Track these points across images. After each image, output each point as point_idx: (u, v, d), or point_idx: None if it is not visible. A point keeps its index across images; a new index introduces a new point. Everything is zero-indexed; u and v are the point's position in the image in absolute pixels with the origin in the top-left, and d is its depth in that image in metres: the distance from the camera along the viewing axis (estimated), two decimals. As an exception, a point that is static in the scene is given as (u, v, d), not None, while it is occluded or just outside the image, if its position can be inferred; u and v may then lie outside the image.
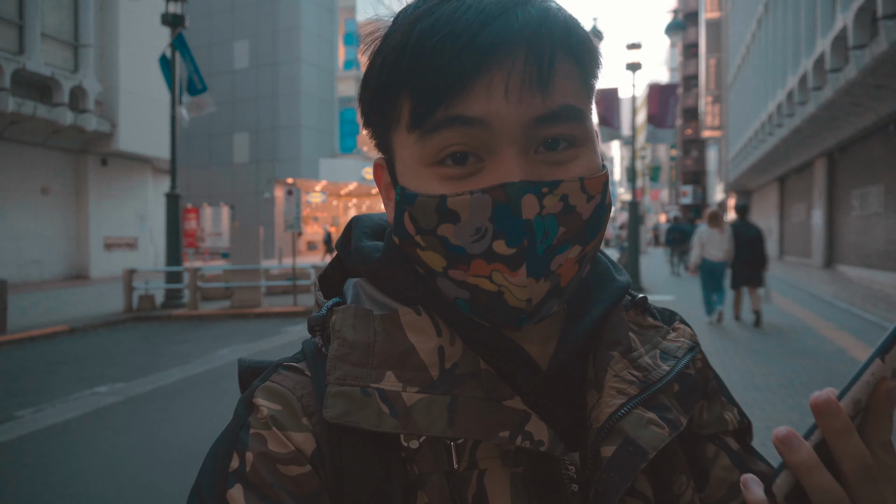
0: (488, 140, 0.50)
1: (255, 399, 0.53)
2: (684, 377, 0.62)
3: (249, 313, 11.34)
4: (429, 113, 0.50)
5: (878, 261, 14.95)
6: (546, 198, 0.50)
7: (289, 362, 0.57)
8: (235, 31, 31.38)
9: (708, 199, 54.98)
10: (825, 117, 15.00)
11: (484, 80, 0.49)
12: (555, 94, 0.51)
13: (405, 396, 0.51)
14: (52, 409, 5.42)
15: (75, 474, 3.94)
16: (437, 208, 0.51)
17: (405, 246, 0.56)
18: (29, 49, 15.29)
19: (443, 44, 0.49)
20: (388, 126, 0.56)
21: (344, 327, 0.55)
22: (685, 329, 0.68)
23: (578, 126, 0.53)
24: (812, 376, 5.99)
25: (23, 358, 7.77)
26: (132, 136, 18.85)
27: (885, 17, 9.50)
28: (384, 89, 0.54)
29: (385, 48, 0.54)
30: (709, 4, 44.95)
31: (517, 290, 0.51)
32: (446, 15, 0.50)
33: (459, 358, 0.54)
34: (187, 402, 5.61)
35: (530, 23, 0.50)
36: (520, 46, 0.49)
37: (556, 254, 0.51)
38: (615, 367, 0.58)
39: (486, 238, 0.50)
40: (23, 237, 17.22)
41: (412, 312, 0.56)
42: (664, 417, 0.56)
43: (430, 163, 0.52)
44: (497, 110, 0.49)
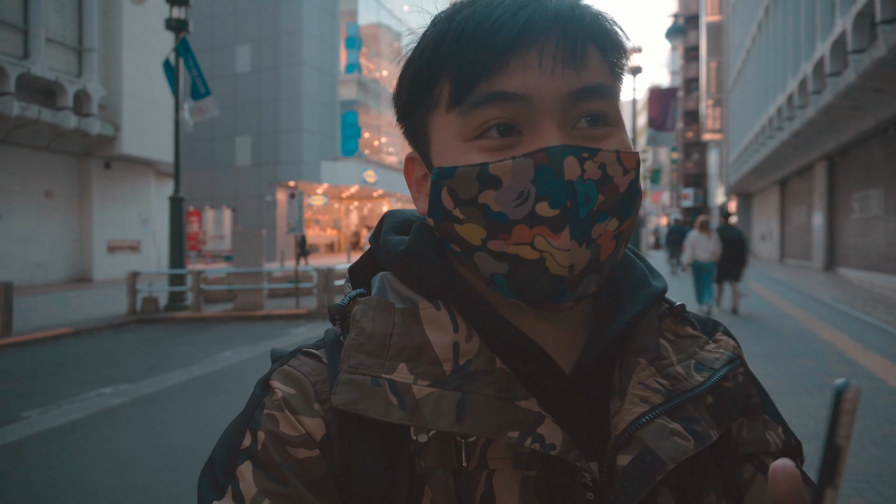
0: (528, 114, 0.52)
1: (272, 381, 0.55)
2: (720, 390, 0.60)
3: (252, 316, 11.39)
4: (470, 89, 0.52)
5: (878, 263, 14.97)
6: (587, 162, 0.51)
7: (308, 348, 0.59)
8: (238, 35, 31.49)
9: (709, 202, 54.94)
10: (825, 121, 15.04)
11: (520, 56, 0.52)
12: (588, 73, 0.53)
13: (415, 389, 0.52)
14: (58, 409, 5.47)
15: (81, 474, 3.98)
16: (479, 176, 0.52)
17: (441, 225, 0.56)
18: (33, 53, 15.38)
19: (481, 27, 0.52)
20: (426, 110, 0.57)
21: (364, 318, 0.56)
22: (727, 341, 0.66)
23: (612, 103, 0.55)
24: (812, 378, 6.03)
25: (28, 360, 7.83)
26: (135, 139, 18.93)
27: (883, 21, 9.55)
28: (424, 74, 0.56)
29: (423, 41, 0.57)
30: (709, 8, 45.02)
31: (560, 255, 0.51)
32: (484, 5, 0.54)
33: (474, 355, 0.54)
34: (191, 403, 5.66)
35: (562, 7, 0.53)
36: (553, 27, 0.52)
37: (597, 221, 0.52)
38: (640, 375, 0.57)
39: (529, 201, 0.50)
40: (27, 240, 17.29)
41: (432, 307, 0.56)
42: (690, 429, 0.54)
43: (471, 137, 0.53)
44: (535, 84, 0.51)
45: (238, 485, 0.50)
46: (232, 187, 31.24)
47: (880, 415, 4.85)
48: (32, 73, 15.22)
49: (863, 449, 4.10)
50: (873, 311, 10.69)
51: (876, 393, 5.48)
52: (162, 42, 18.25)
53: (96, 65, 17.57)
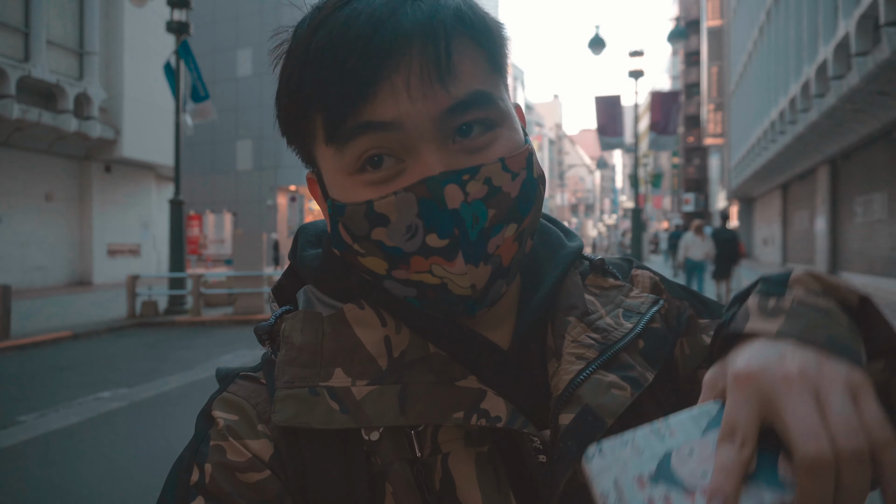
0: (404, 140, 0.51)
1: (213, 411, 0.54)
2: (650, 331, 0.61)
3: (252, 319, 11.33)
4: (340, 124, 0.51)
5: (882, 268, 14.92)
6: (469, 184, 0.50)
7: (246, 372, 0.58)
8: (239, 39, 31.55)
9: (710, 207, 54.97)
10: (828, 124, 15.01)
11: (385, 83, 0.49)
12: (459, 83, 0.51)
13: (355, 391, 0.52)
14: (56, 413, 5.41)
15: (79, 479, 3.93)
16: (366, 214, 0.51)
17: (347, 256, 0.56)
18: (34, 56, 15.38)
19: (339, 55, 0.49)
20: (308, 142, 0.56)
21: (293, 332, 0.56)
22: (643, 274, 0.69)
23: (491, 109, 0.53)
24: (818, 382, 5.97)
25: (27, 363, 7.77)
26: (136, 143, 18.93)
27: (887, 24, 9.52)
28: (295, 108, 0.55)
29: (288, 65, 0.54)
30: (710, 12, 45.12)
31: (459, 279, 0.51)
32: (339, 25, 0.50)
33: (407, 345, 0.54)
34: (191, 407, 5.59)
35: (420, 17, 0.50)
36: (413, 42, 0.50)
37: (491, 236, 0.51)
38: (573, 333, 0.58)
39: (419, 234, 0.50)
40: (27, 243, 17.26)
41: (356, 308, 0.56)
42: (626, 377, 0.55)
43: (352, 171, 0.52)
44: (405, 110, 0.49)
45: None
46: (233, 191, 31.25)
47: (890, 420, 4.78)
48: (33, 75, 15.22)
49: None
50: (878, 315, 10.62)
51: (884, 397, 5.41)
52: (163, 45, 18.24)
53: (97, 68, 17.58)
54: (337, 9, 0.52)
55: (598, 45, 14.94)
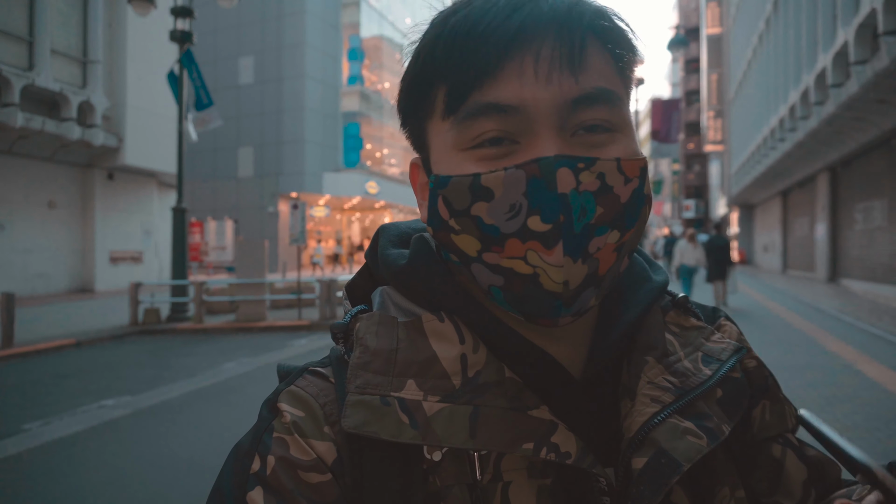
0: (523, 124, 0.50)
1: (280, 403, 0.53)
2: (729, 381, 0.59)
3: (254, 327, 11.35)
4: (463, 98, 0.51)
5: (882, 274, 14.92)
6: (582, 173, 0.49)
7: (315, 367, 0.57)
8: (241, 48, 31.70)
9: (711, 213, 54.93)
10: (827, 132, 15.06)
11: (515, 63, 0.49)
12: (588, 76, 0.51)
13: (426, 406, 0.50)
14: (60, 421, 5.43)
15: (83, 487, 3.94)
16: (471, 186, 0.50)
17: (439, 235, 0.54)
18: (38, 65, 15.47)
19: (474, 31, 0.50)
20: (424, 117, 0.56)
21: (367, 335, 0.54)
22: (731, 327, 0.66)
23: (615, 110, 0.52)
24: (820, 391, 5.97)
25: (30, 371, 7.79)
26: (139, 150, 18.99)
27: (886, 32, 9.58)
28: (420, 80, 0.55)
29: (421, 44, 0.55)
30: (710, 20, 45.25)
31: (553, 272, 0.49)
32: (478, 7, 0.51)
33: (483, 366, 0.52)
34: (194, 415, 5.61)
35: (559, 7, 0.51)
36: (549, 29, 0.50)
37: (595, 235, 0.49)
38: (649, 374, 0.56)
39: (521, 215, 0.49)
40: (29, 251, 17.29)
41: (435, 319, 0.55)
42: (702, 426, 0.53)
43: (467, 147, 0.52)
44: (531, 94, 0.49)
45: None
46: (234, 198, 31.31)
47: (890, 427, 4.79)
48: (37, 84, 15.29)
49: (874, 463, 4.04)
50: (879, 322, 10.63)
51: (884, 405, 5.42)
52: (166, 54, 18.33)
53: (100, 76, 17.66)
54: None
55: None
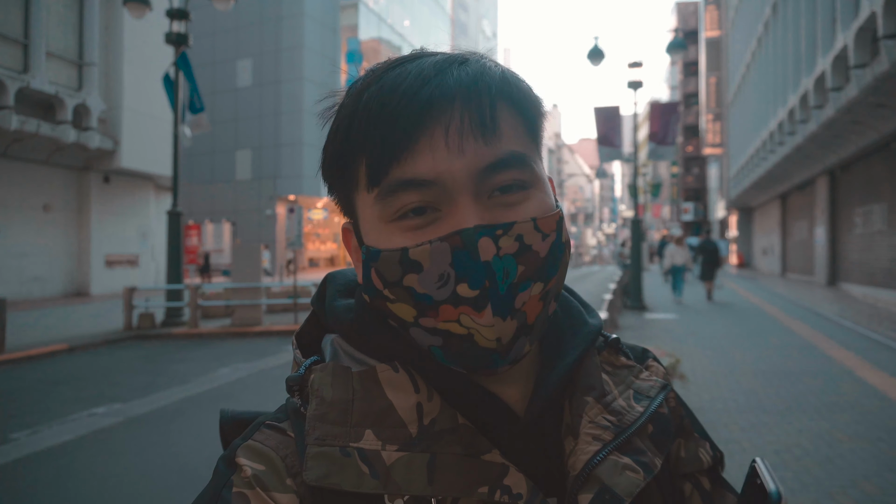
0: (442, 195, 0.53)
1: (238, 458, 0.53)
2: (658, 417, 0.64)
3: (250, 331, 11.27)
4: (383, 174, 0.53)
5: (882, 279, 14.89)
6: (501, 239, 0.52)
7: (271, 421, 0.57)
8: (239, 50, 31.66)
9: (709, 216, 55.00)
10: (827, 135, 15.03)
11: (427, 136, 0.52)
12: (499, 142, 0.53)
13: (384, 455, 0.52)
14: (49, 430, 5.34)
15: (72, 498, 3.86)
16: (401, 260, 0.53)
17: (376, 302, 0.57)
18: (34, 68, 15.40)
19: (386, 107, 0.53)
20: (350, 189, 0.58)
21: (322, 386, 0.56)
22: (657, 367, 0.71)
23: (526, 170, 0.55)
24: (820, 398, 5.91)
25: (21, 378, 7.70)
26: (135, 153, 18.93)
27: (885, 36, 9.54)
28: (340, 155, 0.57)
29: (339, 117, 0.58)
30: (709, 23, 45.33)
31: (486, 331, 0.52)
32: (389, 82, 0.54)
33: (437, 414, 0.55)
34: (187, 423, 5.53)
35: (465, 78, 0.54)
36: (456, 100, 0.53)
37: (519, 292, 0.53)
38: (590, 413, 0.59)
39: (450, 283, 0.52)
40: (24, 254, 17.22)
41: (389, 369, 0.56)
42: (639, 461, 0.58)
43: (391, 219, 0.54)
44: (445, 166, 0.52)
45: None
46: (231, 201, 31.24)
47: (892, 437, 4.73)
48: (32, 87, 15.23)
49: (876, 474, 3.97)
50: (878, 327, 10.58)
51: (886, 413, 5.35)
52: (162, 56, 18.29)
53: (96, 79, 17.60)
54: (388, 69, 0.56)
55: (598, 56, 14.96)
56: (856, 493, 3.69)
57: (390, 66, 0.56)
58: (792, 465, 4.16)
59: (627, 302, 14.33)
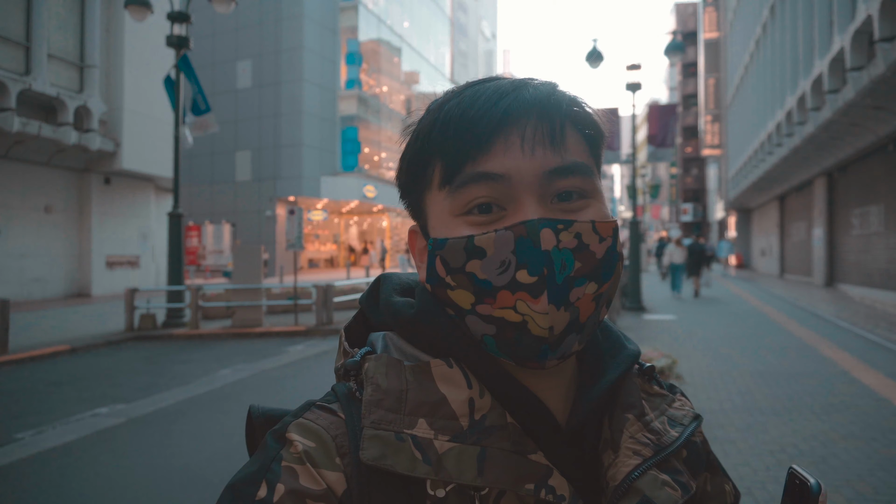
0: (509, 191, 0.57)
1: (289, 433, 0.55)
2: (691, 444, 0.67)
3: (251, 332, 11.32)
4: (457, 170, 0.58)
5: (879, 280, 14.94)
6: (562, 233, 0.56)
7: (322, 402, 0.59)
8: (239, 52, 31.67)
9: (708, 217, 55.01)
10: (824, 137, 15.09)
11: (501, 138, 0.57)
12: (565, 152, 0.58)
13: (437, 444, 0.54)
14: (53, 430, 5.39)
15: (76, 498, 3.91)
16: (466, 247, 0.57)
17: (436, 290, 0.60)
18: (35, 70, 15.45)
19: (466, 115, 0.58)
20: (422, 189, 0.63)
21: (378, 374, 0.58)
22: (686, 401, 0.73)
23: (588, 180, 0.60)
24: (816, 399, 5.96)
25: (23, 378, 7.75)
26: (135, 155, 18.97)
27: (881, 39, 9.60)
28: (419, 157, 0.62)
29: (419, 128, 0.63)
30: (707, 25, 45.39)
31: (540, 318, 0.54)
32: (469, 95, 0.60)
33: (488, 410, 0.57)
34: (189, 423, 5.58)
35: (540, 94, 0.60)
36: (531, 112, 0.58)
37: (575, 286, 0.56)
38: (630, 429, 0.61)
39: (510, 269, 0.55)
40: (26, 256, 17.25)
41: (444, 364, 0.59)
42: (677, 480, 0.60)
43: (459, 213, 0.59)
44: (515, 165, 0.57)
45: None
46: (232, 202, 31.25)
47: (887, 437, 4.78)
48: (34, 88, 15.27)
49: (870, 473, 4.03)
50: (876, 328, 10.63)
51: (881, 414, 5.41)
52: (163, 58, 18.34)
53: (97, 81, 17.64)
54: (467, 87, 0.62)
55: (596, 59, 15.02)
56: (849, 492, 3.74)
57: (469, 85, 0.62)
58: (787, 464, 4.21)
59: (626, 303, 14.38)
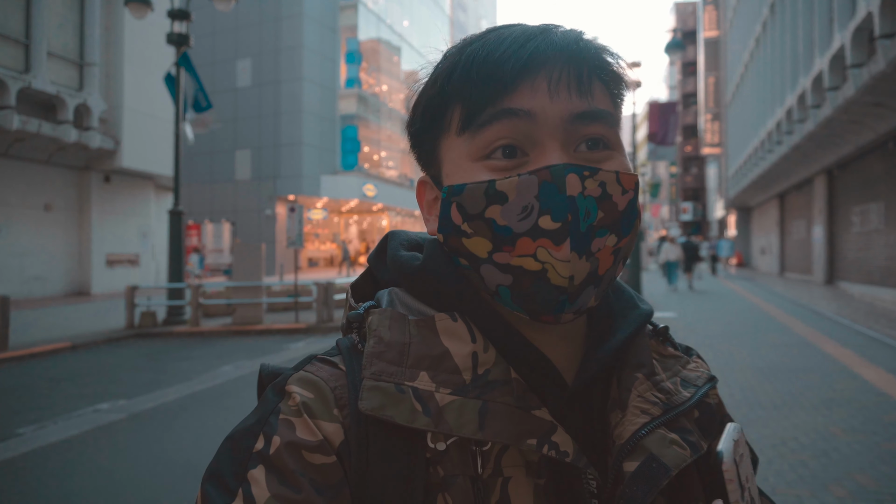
0: (533, 133, 0.55)
1: (289, 386, 0.55)
2: (704, 405, 0.65)
3: (251, 330, 11.32)
4: (480, 112, 0.55)
5: (879, 277, 14.94)
6: (587, 180, 0.54)
7: (323, 355, 0.59)
8: (239, 50, 31.66)
9: (708, 216, 55.01)
10: (824, 135, 15.08)
11: (528, 80, 0.55)
12: (591, 98, 0.57)
13: (438, 397, 0.53)
14: (54, 426, 5.39)
15: (77, 493, 3.91)
16: (486, 192, 0.54)
17: (451, 240, 0.58)
18: (35, 68, 15.43)
19: (490, 57, 0.55)
20: (438, 135, 0.60)
21: (381, 327, 0.57)
22: (702, 363, 0.71)
23: (612, 130, 0.58)
24: (817, 394, 5.97)
25: (24, 375, 7.75)
26: (135, 153, 18.95)
27: (882, 36, 9.60)
28: (436, 101, 0.59)
29: (436, 72, 0.60)
30: (707, 24, 45.38)
31: (561, 266, 0.53)
32: (494, 38, 0.57)
33: (492, 365, 0.56)
34: (190, 419, 5.58)
35: (569, 39, 0.57)
36: (559, 57, 0.56)
37: (597, 236, 0.54)
38: (639, 388, 0.60)
39: (533, 215, 0.53)
40: (25, 254, 17.24)
41: (448, 318, 0.58)
42: (686, 439, 0.58)
43: (479, 157, 0.56)
44: (541, 105, 0.55)
45: (250, 488, 0.49)
46: (231, 201, 31.24)
47: (888, 431, 4.78)
48: (33, 87, 15.26)
49: (871, 467, 4.03)
50: (875, 325, 10.64)
51: (882, 408, 5.41)
52: (163, 56, 18.33)
53: (97, 79, 17.63)
54: (492, 31, 0.59)
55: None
56: (851, 485, 3.75)
57: (493, 29, 0.59)
58: (788, 457, 4.22)
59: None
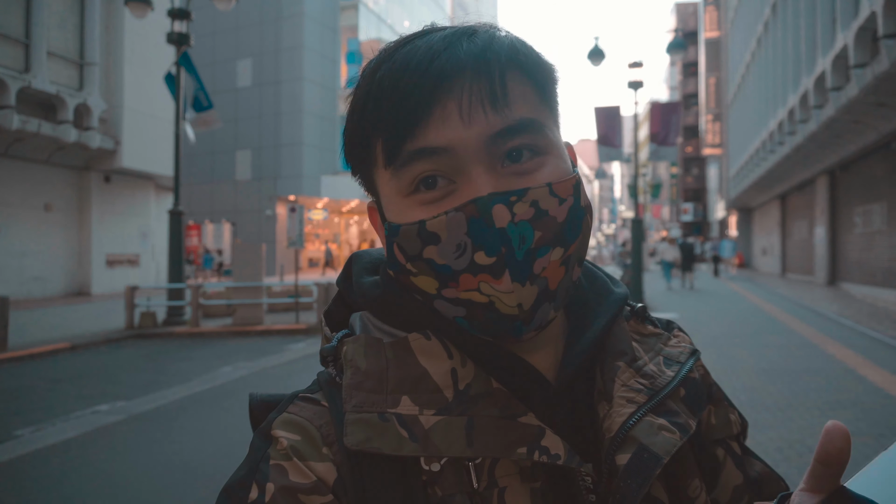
0: (455, 164, 0.53)
1: (274, 431, 0.54)
2: (689, 381, 0.64)
3: (251, 331, 11.28)
4: (397, 149, 0.54)
5: (882, 278, 14.91)
6: (516, 205, 0.52)
7: (304, 393, 0.58)
8: (239, 50, 31.66)
9: (709, 217, 55.02)
10: (827, 135, 15.05)
11: (438, 109, 0.53)
12: (510, 110, 0.54)
13: (422, 419, 0.52)
14: (53, 427, 5.35)
15: (76, 495, 3.88)
16: (419, 233, 0.54)
17: (400, 277, 0.58)
18: (35, 67, 15.41)
19: (399, 84, 0.53)
20: (370, 167, 0.59)
21: (356, 356, 0.56)
22: (684, 336, 0.71)
23: (539, 136, 0.55)
24: (821, 396, 5.92)
25: (23, 375, 7.71)
26: (135, 153, 18.94)
27: (885, 36, 9.56)
28: (358, 134, 0.58)
29: (355, 98, 0.59)
30: (708, 24, 45.38)
31: (506, 297, 0.52)
32: (400, 59, 0.55)
33: (472, 378, 0.55)
34: (189, 420, 5.54)
35: (475, 49, 0.54)
36: (467, 72, 0.53)
37: (537, 257, 0.53)
38: (622, 377, 0.59)
39: (468, 252, 0.52)
40: (25, 254, 17.22)
41: (422, 338, 0.57)
42: (674, 422, 0.58)
43: (407, 193, 0.55)
44: (456, 135, 0.53)
45: None
46: (232, 201, 31.24)
47: (895, 433, 4.74)
48: (33, 86, 15.24)
49: (879, 470, 3.99)
50: (878, 326, 10.60)
51: (889, 411, 5.37)
52: (163, 56, 18.30)
53: (97, 78, 17.61)
54: (399, 47, 0.56)
55: (598, 56, 14.99)
56: (858, 489, 3.71)
57: (401, 43, 0.57)
58: (794, 460, 4.18)
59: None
